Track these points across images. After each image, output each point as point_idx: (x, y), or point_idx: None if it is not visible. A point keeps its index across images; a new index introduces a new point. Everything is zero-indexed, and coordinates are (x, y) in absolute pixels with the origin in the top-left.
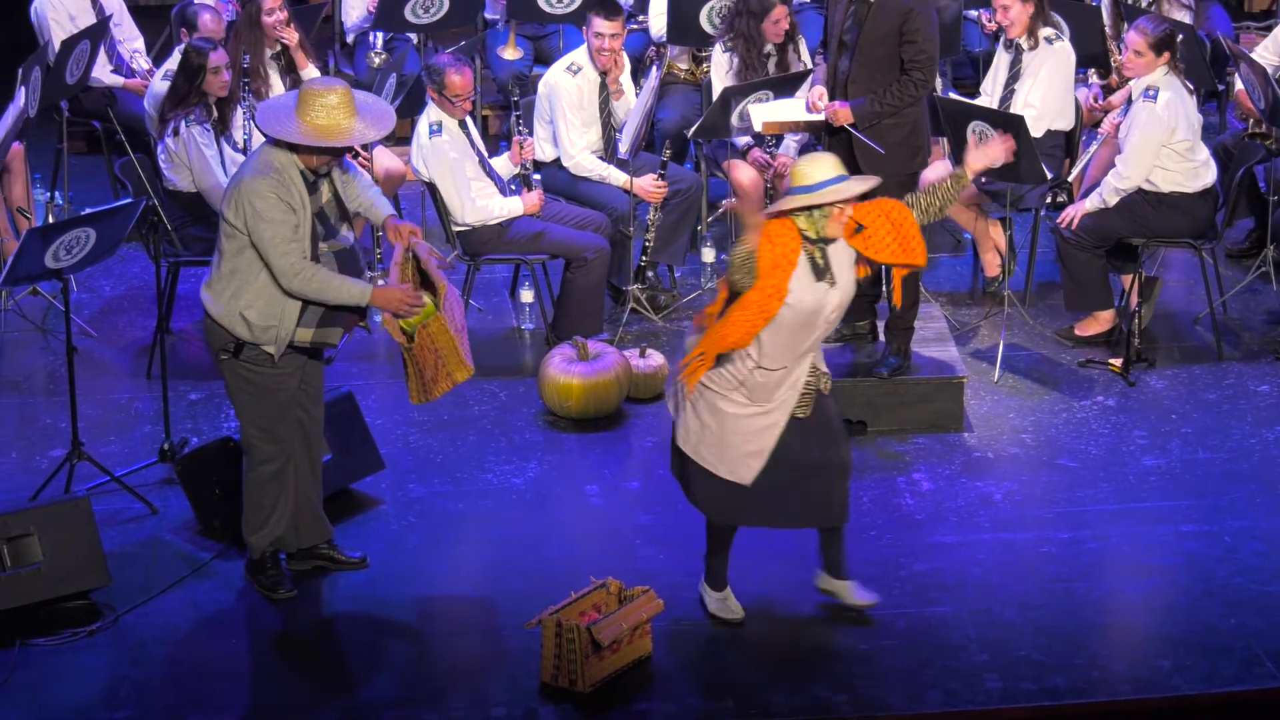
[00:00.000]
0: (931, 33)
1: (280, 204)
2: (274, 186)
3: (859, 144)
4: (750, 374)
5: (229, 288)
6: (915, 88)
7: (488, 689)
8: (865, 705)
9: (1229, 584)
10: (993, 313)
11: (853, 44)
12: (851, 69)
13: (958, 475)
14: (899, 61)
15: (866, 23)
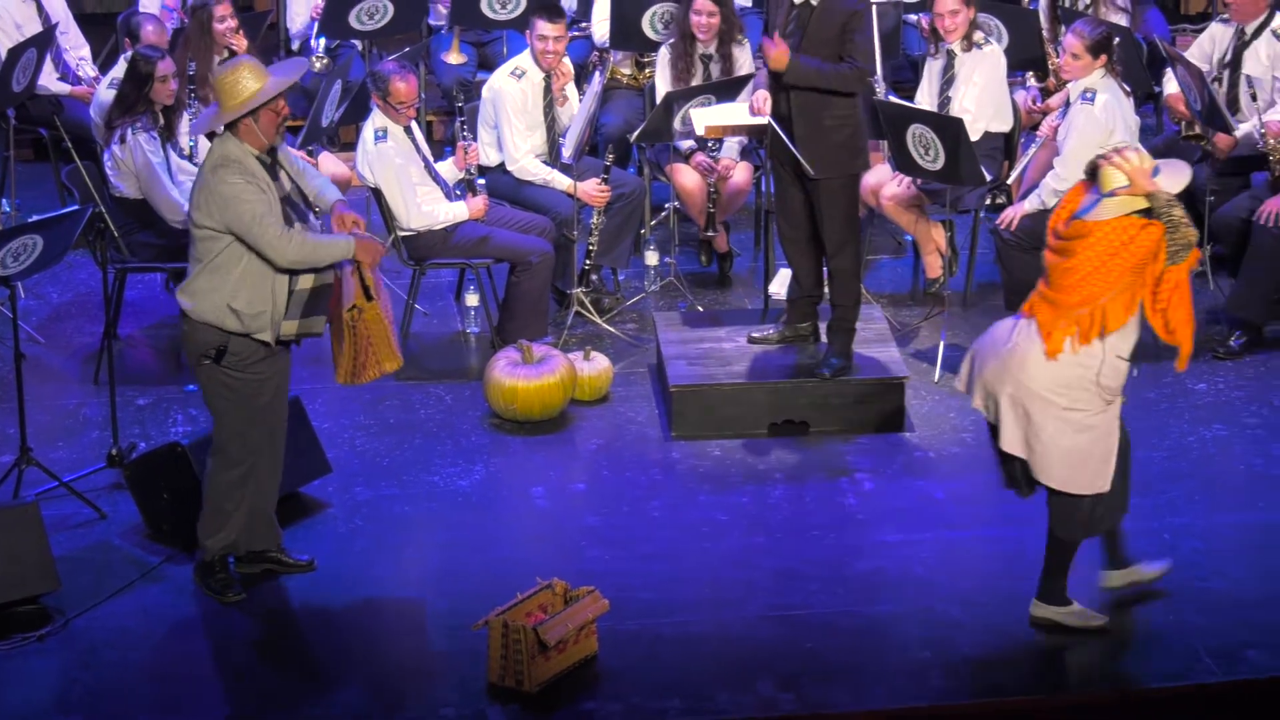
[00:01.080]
0: (870, 34)
1: (248, 185)
2: (236, 171)
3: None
4: (1117, 371)
5: (209, 284)
6: (853, 77)
7: (436, 690)
8: (811, 703)
9: (1169, 580)
10: (933, 313)
11: (795, 46)
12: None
13: (900, 474)
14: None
15: (809, 25)
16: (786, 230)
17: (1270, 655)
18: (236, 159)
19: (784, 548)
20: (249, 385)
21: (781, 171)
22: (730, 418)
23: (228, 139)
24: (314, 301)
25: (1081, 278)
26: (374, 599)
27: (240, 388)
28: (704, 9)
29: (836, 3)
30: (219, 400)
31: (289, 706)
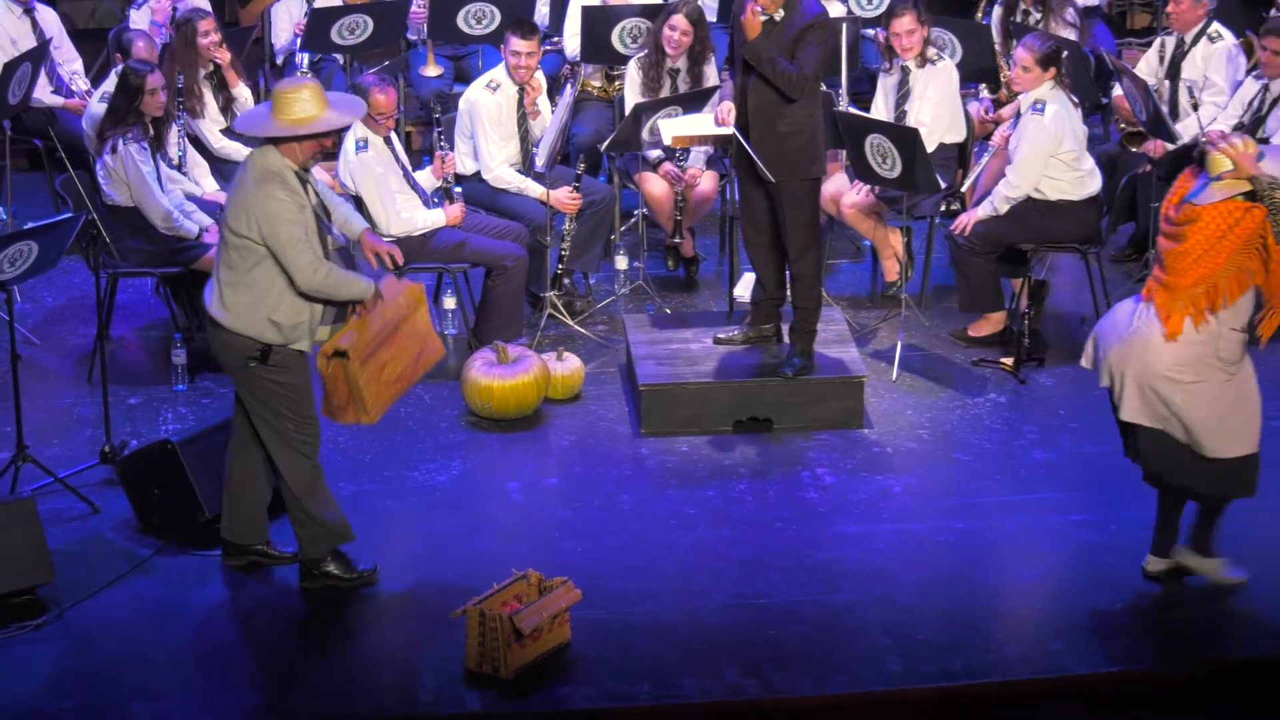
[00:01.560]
0: (823, 48)
1: (292, 204)
2: (280, 186)
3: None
4: (1234, 343)
5: (248, 299)
6: (793, 81)
7: (416, 676)
8: (774, 688)
9: (1116, 570)
10: (891, 315)
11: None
12: (756, 85)
13: (859, 469)
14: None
15: (772, 38)
16: (750, 235)
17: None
18: (278, 171)
19: (748, 539)
20: (294, 375)
21: (745, 180)
22: (697, 415)
23: (269, 150)
24: (341, 308)
25: (1193, 261)
26: (357, 590)
27: (289, 379)
28: (679, 26)
29: (798, 16)
30: (274, 398)
31: (274, 692)
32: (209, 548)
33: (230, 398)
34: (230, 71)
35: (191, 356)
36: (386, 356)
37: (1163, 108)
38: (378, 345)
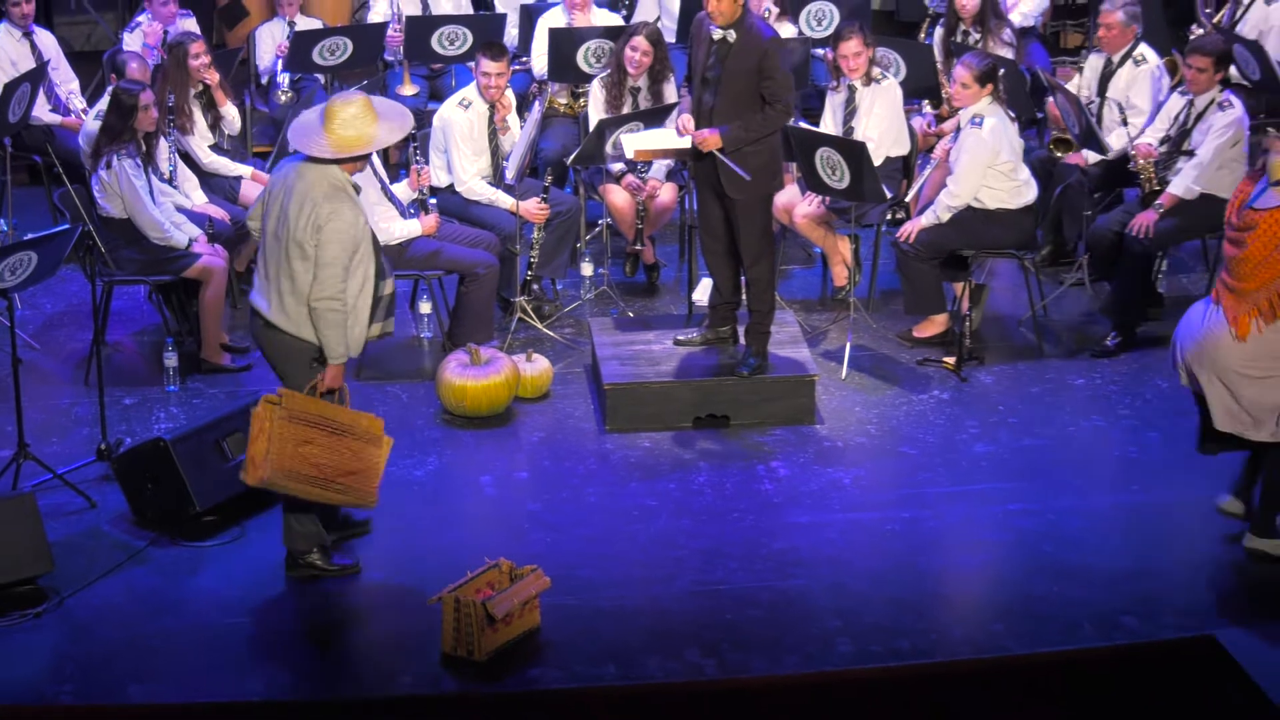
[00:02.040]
0: (786, 69)
1: (351, 232)
2: (350, 205)
3: (724, 169)
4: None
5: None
6: (778, 117)
7: (395, 659)
8: (732, 669)
9: (1053, 557)
10: (840, 317)
11: (715, 79)
12: (716, 102)
13: (811, 462)
14: (757, 95)
15: (728, 60)
16: (708, 244)
17: (1143, 622)
18: (341, 186)
19: (707, 529)
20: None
21: (704, 192)
22: (658, 413)
23: (330, 167)
24: (391, 304)
25: (1255, 266)
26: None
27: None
28: (640, 47)
29: (752, 37)
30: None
31: (262, 676)
32: (200, 539)
33: (219, 399)
34: (219, 91)
35: (182, 359)
36: (317, 438)
37: (1094, 122)
38: (316, 423)
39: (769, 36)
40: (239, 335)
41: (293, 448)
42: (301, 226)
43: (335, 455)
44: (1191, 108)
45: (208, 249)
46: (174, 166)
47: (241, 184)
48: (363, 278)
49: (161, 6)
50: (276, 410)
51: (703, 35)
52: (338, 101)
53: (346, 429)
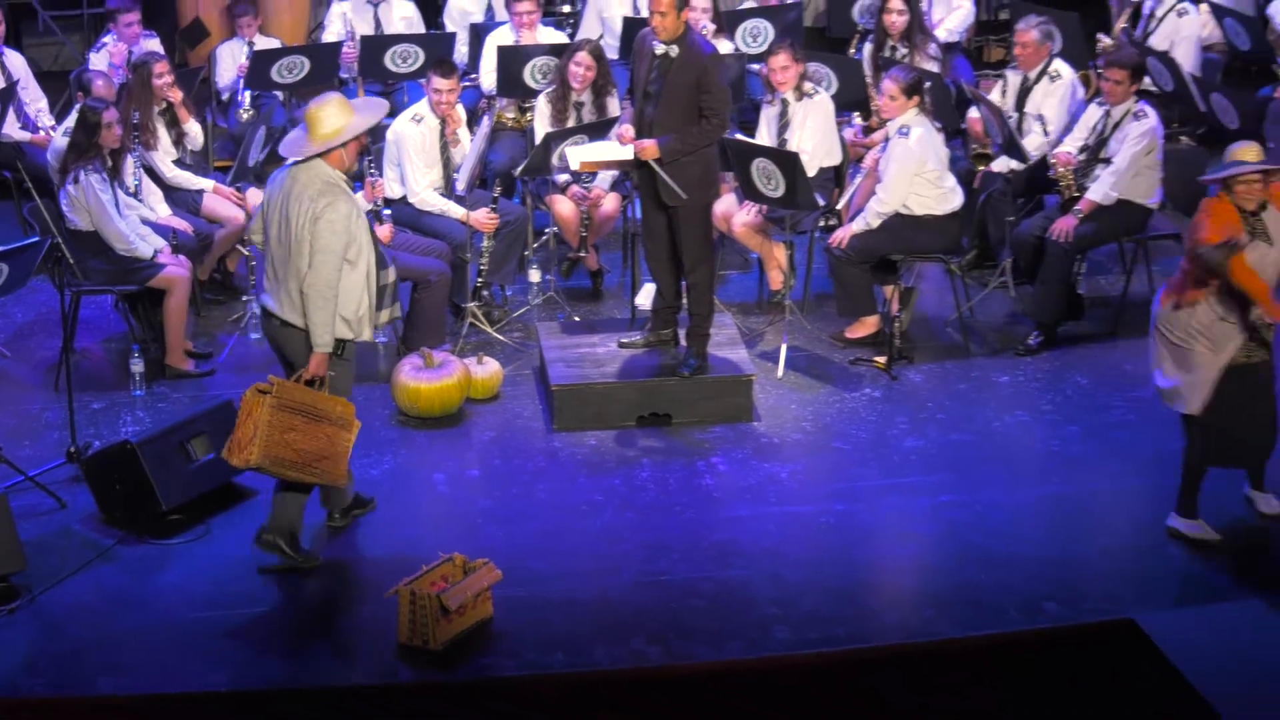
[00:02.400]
0: (724, 84)
1: (346, 223)
2: (344, 202)
3: (662, 182)
4: (1212, 324)
5: None
6: (714, 130)
7: (355, 649)
8: (676, 656)
9: (980, 546)
10: (776, 320)
11: (657, 93)
12: (656, 114)
13: (749, 458)
14: (696, 108)
15: (670, 74)
16: (651, 249)
17: (1065, 607)
18: (335, 182)
19: (651, 523)
20: (350, 366)
21: (648, 201)
22: (604, 412)
23: (319, 165)
24: (394, 291)
25: None
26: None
27: (344, 369)
28: (584, 62)
29: (694, 53)
30: (340, 381)
31: (226, 667)
32: (166, 537)
33: (183, 402)
34: (181, 109)
35: (148, 365)
36: (300, 425)
37: (1015, 133)
38: (301, 411)
39: (709, 53)
40: (202, 342)
41: (279, 434)
42: (302, 224)
43: (314, 441)
44: (1108, 118)
45: (172, 259)
46: (139, 181)
47: (204, 197)
48: (365, 267)
49: (126, 28)
50: (266, 399)
51: (645, 50)
52: (313, 105)
53: (324, 415)
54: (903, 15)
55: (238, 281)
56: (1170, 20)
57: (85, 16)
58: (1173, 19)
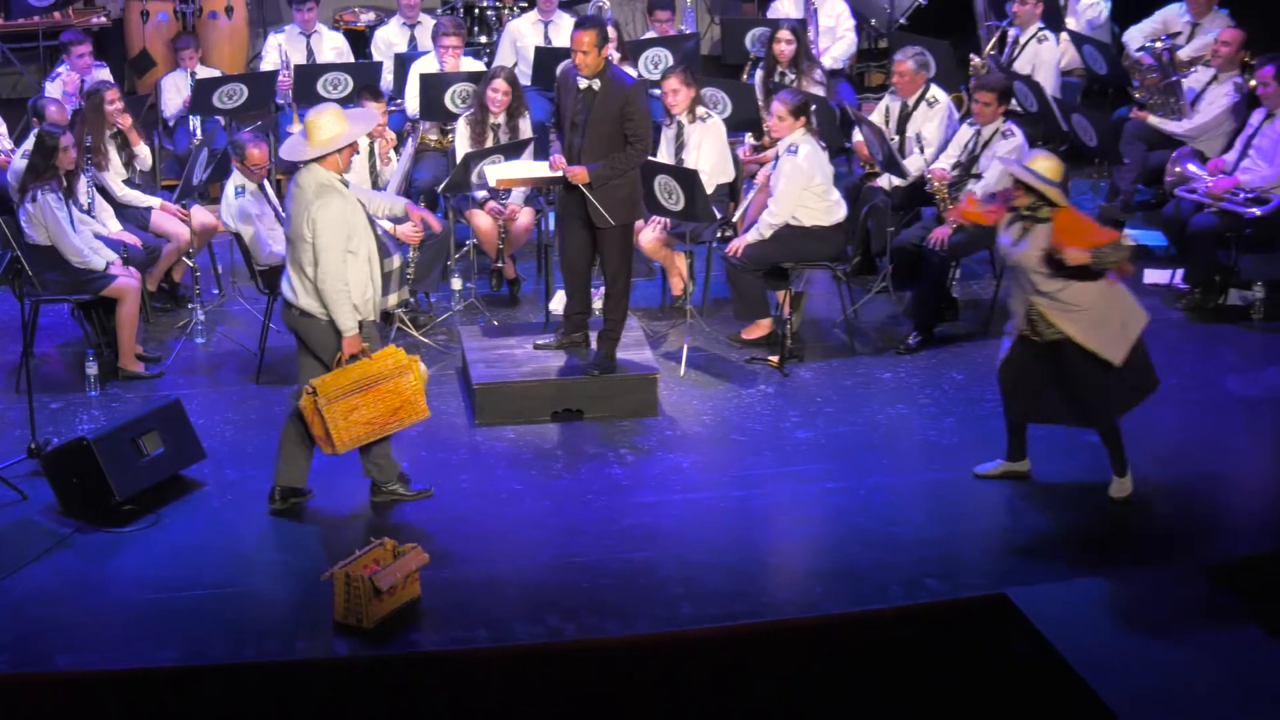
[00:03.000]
0: (645, 110)
1: (341, 219)
2: (335, 196)
3: (590, 205)
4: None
5: None
6: (639, 154)
7: (294, 627)
8: (589, 630)
9: (865, 527)
10: (678, 323)
11: (583, 124)
12: (584, 143)
13: (655, 449)
14: (621, 135)
15: (595, 106)
16: (569, 263)
17: (943, 583)
18: (329, 183)
19: (565, 509)
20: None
21: (570, 218)
22: (521, 408)
23: (315, 168)
24: (401, 275)
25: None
26: (242, 557)
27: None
28: (499, 88)
29: (615, 85)
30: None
31: (175, 644)
32: (120, 525)
33: (135, 402)
34: (131, 132)
35: (102, 368)
36: (359, 402)
37: (894, 151)
38: (351, 392)
39: (631, 84)
40: (151, 346)
41: (344, 421)
42: (302, 222)
43: (379, 404)
44: (979, 137)
45: (123, 271)
46: (92, 199)
47: (151, 213)
48: (367, 253)
49: (78, 59)
50: (317, 401)
51: (569, 84)
52: (312, 114)
53: (377, 378)
54: (790, 44)
55: (183, 291)
56: (1032, 47)
57: (41, 48)
58: (1034, 46)
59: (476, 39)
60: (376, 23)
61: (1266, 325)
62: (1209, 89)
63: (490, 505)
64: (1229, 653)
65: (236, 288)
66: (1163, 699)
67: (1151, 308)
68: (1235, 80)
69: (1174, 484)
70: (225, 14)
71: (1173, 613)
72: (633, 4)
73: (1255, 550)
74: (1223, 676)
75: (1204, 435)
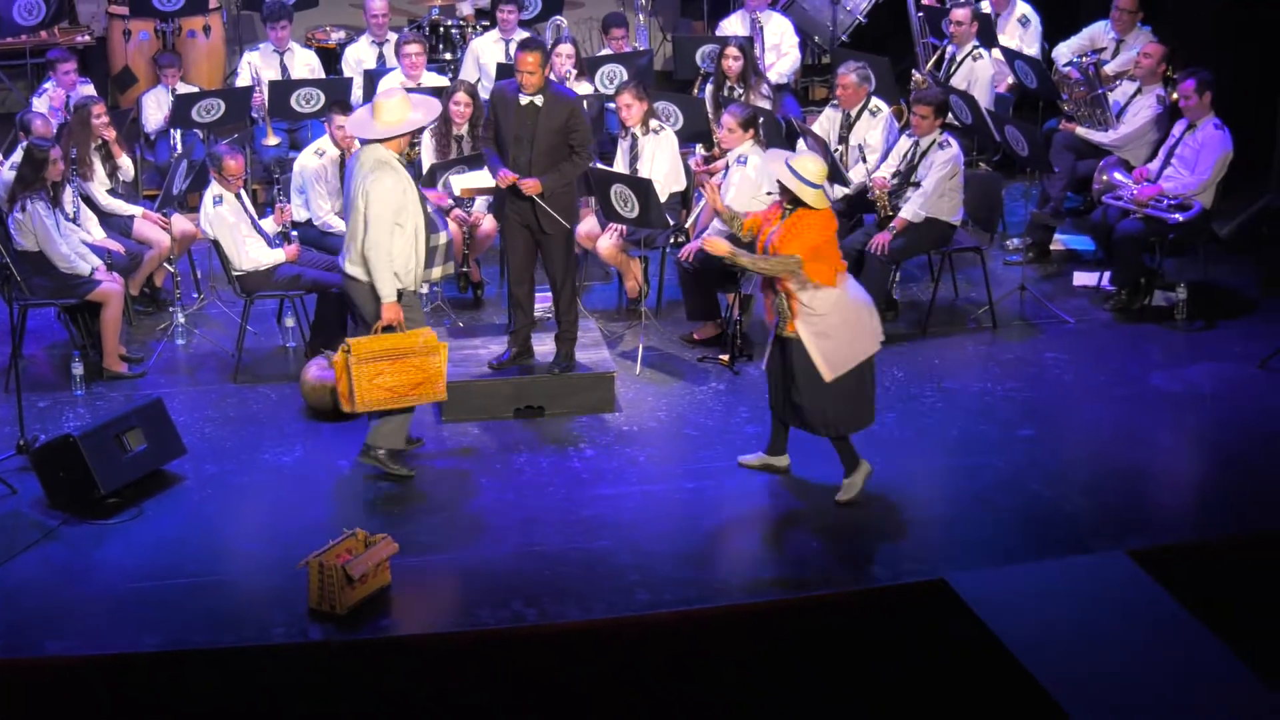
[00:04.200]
0: (587, 122)
1: (394, 192)
2: (389, 173)
3: (543, 213)
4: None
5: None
6: (584, 162)
7: (269, 614)
8: (550, 616)
9: (810, 516)
10: (634, 324)
11: (530, 138)
12: (533, 155)
13: (612, 444)
14: (565, 146)
15: (540, 121)
16: (516, 271)
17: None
18: (386, 161)
19: (528, 501)
20: (412, 311)
21: (514, 228)
22: (485, 405)
23: (377, 147)
24: (447, 253)
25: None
26: (221, 548)
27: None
28: (462, 100)
29: (558, 100)
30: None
31: (157, 630)
32: (104, 518)
33: (119, 401)
34: (115, 145)
35: (87, 368)
36: (385, 368)
37: (837, 161)
38: (381, 357)
39: (573, 97)
40: (134, 348)
41: (368, 383)
42: (358, 194)
43: (403, 375)
44: (917, 147)
45: (107, 276)
46: (77, 208)
47: (134, 222)
48: (414, 228)
49: (64, 75)
50: (349, 358)
51: (508, 101)
52: (381, 98)
53: (407, 351)
54: (738, 60)
55: (164, 295)
56: (967, 63)
57: (28, 65)
58: (969, 63)
59: (441, 55)
60: (347, 40)
61: (1189, 325)
62: (1133, 101)
63: (456, 497)
64: (1157, 634)
65: (215, 292)
66: (1095, 679)
67: (1080, 308)
68: (1158, 93)
69: (1102, 475)
70: (203, 33)
71: (1103, 597)
72: (589, 22)
73: (1179, 539)
74: (1151, 656)
75: (1131, 429)
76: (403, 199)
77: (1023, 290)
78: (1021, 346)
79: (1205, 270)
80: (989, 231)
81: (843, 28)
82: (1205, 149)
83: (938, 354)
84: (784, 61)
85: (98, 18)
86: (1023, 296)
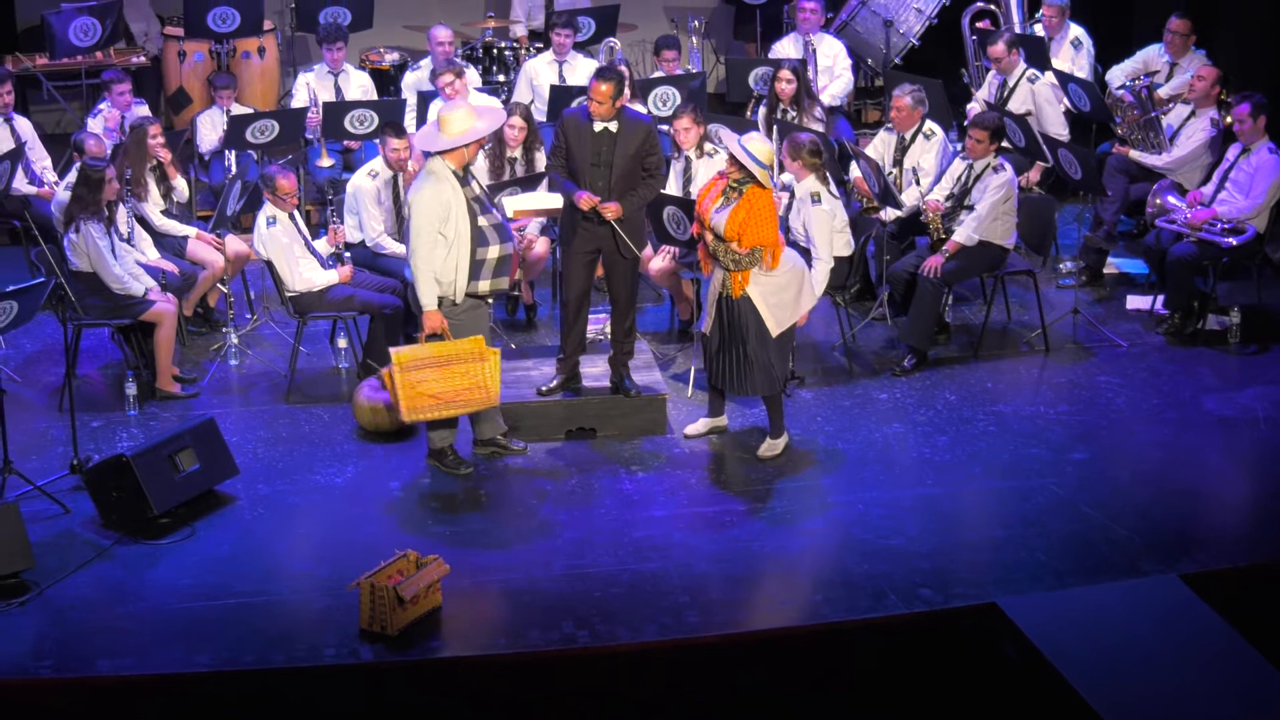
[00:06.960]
0: (661, 144)
1: (434, 203)
2: (433, 184)
3: (621, 239)
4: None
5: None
6: (658, 185)
7: (321, 634)
8: (601, 638)
9: (862, 539)
10: (686, 346)
11: (607, 164)
12: (613, 180)
13: (664, 466)
14: (640, 170)
15: (617, 146)
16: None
17: (937, 593)
18: (435, 172)
19: (579, 521)
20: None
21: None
22: (537, 426)
23: (435, 158)
24: (500, 267)
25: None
26: (273, 568)
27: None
28: (516, 124)
29: (633, 126)
30: (467, 324)
31: (209, 650)
32: (157, 538)
33: (171, 421)
34: (169, 166)
35: (140, 388)
36: (431, 376)
37: (890, 183)
38: (426, 365)
39: (648, 120)
40: (188, 368)
41: (413, 390)
42: (406, 205)
43: (449, 382)
44: (971, 170)
45: (160, 297)
46: (131, 228)
47: (188, 242)
48: (457, 239)
49: (119, 96)
50: (392, 369)
51: (583, 129)
52: (446, 108)
53: (452, 358)
54: (791, 83)
55: (217, 316)
56: (1023, 87)
57: (84, 86)
58: (1025, 85)
59: (495, 77)
60: (400, 62)
61: (1242, 348)
62: (1187, 124)
63: (507, 518)
64: (1210, 659)
65: (268, 312)
66: (1148, 703)
67: (1133, 332)
68: (1211, 116)
69: (1155, 499)
70: (258, 54)
71: (1156, 621)
72: (642, 44)
73: (1232, 563)
74: (1204, 681)
75: (1183, 453)
76: (444, 210)
77: (1076, 314)
78: (1074, 370)
79: (1258, 294)
80: (1042, 255)
81: (896, 50)
82: (1259, 173)
83: (990, 377)
84: (837, 84)
85: (153, 39)
86: (1076, 320)
